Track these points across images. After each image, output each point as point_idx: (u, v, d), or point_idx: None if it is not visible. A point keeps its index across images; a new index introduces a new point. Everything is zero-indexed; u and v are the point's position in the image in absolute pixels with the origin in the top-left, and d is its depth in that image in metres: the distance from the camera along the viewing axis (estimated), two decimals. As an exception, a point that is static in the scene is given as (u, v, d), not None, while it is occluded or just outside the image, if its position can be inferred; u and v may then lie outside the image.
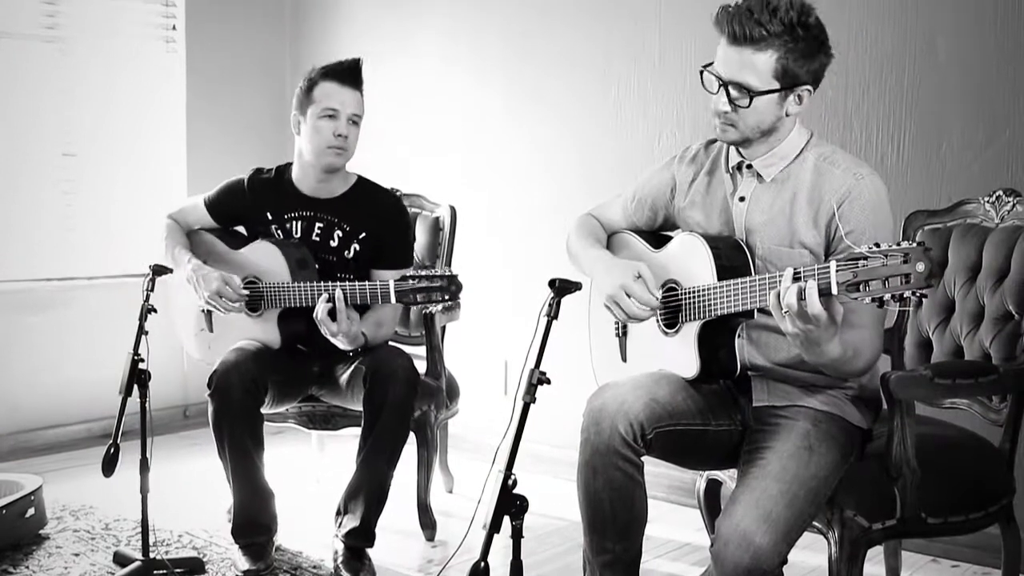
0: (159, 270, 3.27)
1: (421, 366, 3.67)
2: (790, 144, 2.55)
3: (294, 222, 3.52)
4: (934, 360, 2.96)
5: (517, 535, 2.27)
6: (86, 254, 5.11)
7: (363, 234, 3.50)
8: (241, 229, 3.67)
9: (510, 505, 2.24)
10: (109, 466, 2.95)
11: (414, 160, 5.02)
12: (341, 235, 3.50)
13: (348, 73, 3.45)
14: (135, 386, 3.03)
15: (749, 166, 2.58)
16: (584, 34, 4.44)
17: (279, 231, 3.52)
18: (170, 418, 5.23)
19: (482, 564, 2.19)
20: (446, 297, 3.00)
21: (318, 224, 3.51)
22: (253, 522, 3.34)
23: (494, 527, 2.22)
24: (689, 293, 2.52)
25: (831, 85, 3.70)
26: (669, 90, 4.19)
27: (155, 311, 3.11)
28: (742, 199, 2.59)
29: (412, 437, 3.55)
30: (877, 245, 2.05)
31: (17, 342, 4.85)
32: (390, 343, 3.60)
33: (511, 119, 4.71)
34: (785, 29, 2.38)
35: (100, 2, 5.06)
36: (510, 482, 2.24)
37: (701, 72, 2.50)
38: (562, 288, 2.40)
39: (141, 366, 3.03)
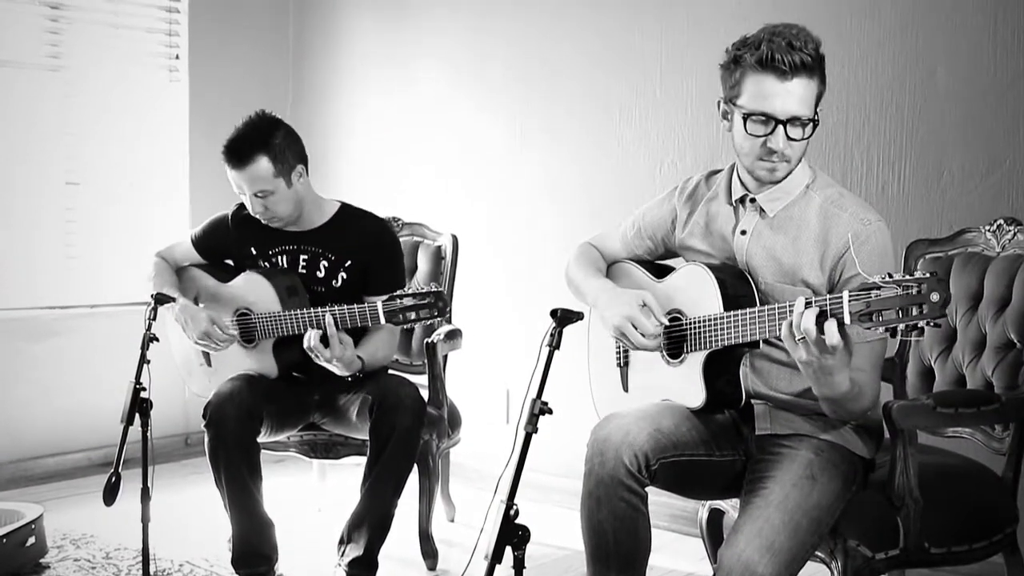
0: (161, 299, 3.27)
1: (423, 395, 3.67)
2: (795, 180, 2.54)
3: (279, 256, 3.55)
4: (936, 389, 2.96)
5: (519, 565, 2.27)
6: (88, 282, 5.11)
7: (349, 262, 3.51)
8: (230, 262, 3.68)
9: (512, 535, 2.24)
10: (110, 495, 2.94)
11: (416, 188, 5.03)
12: (327, 265, 3.51)
13: (233, 155, 3.38)
14: (137, 415, 3.02)
15: (752, 200, 2.58)
16: (586, 63, 4.46)
17: (265, 264, 3.55)
18: (171, 447, 5.22)
19: (484, 594, 2.19)
20: (434, 313, 3.02)
21: (303, 256, 3.52)
22: (253, 552, 3.34)
23: (496, 557, 2.22)
24: (695, 323, 2.51)
25: (832, 115, 3.71)
26: (670, 120, 4.20)
27: (157, 340, 3.11)
28: (743, 232, 2.59)
29: (414, 466, 3.54)
30: (890, 275, 2.04)
31: (18, 370, 4.84)
32: (395, 372, 3.60)
33: (513, 147, 4.72)
34: (817, 56, 2.42)
35: (104, 32, 5.09)
36: (512, 512, 2.24)
37: (745, 118, 2.44)
38: (564, 318, 2.41)
39: (143, 395, 3.02)
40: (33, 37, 4.89)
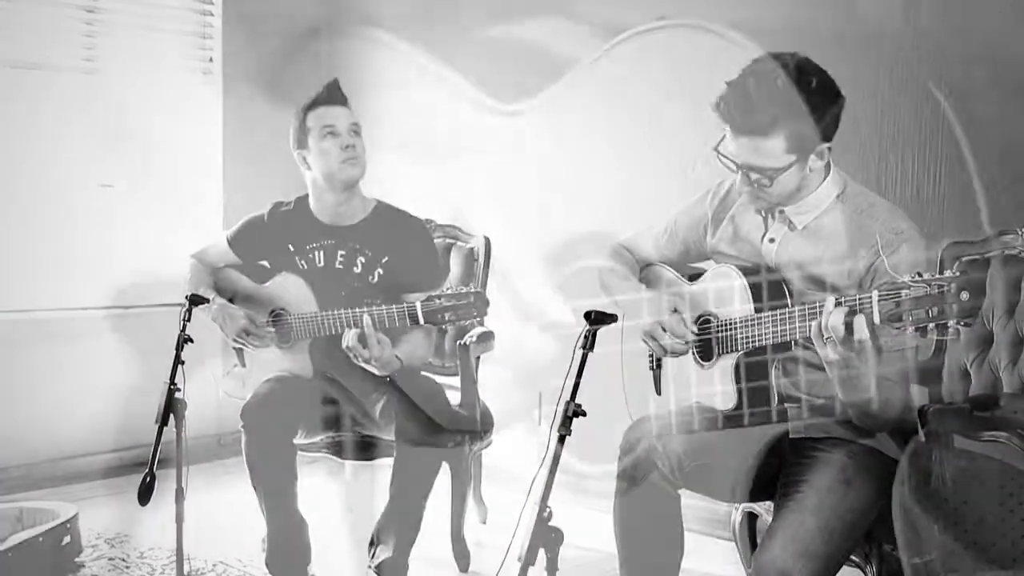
0: (196, 300, 3.28)
1: (456, 396, 3.67)
2: (822, 193, 2.52)
3: (316, 252, 3.54)
4: (972, 393, 2.93)
5: (552, 567, 2.27)
6: (122, 283, 5.14)
7: (386, 258, 3.50)
8: (265, 263, 3.69)
9: (545, 537, 2.24)
10: (145, 495, 2.95)
11: (448, 191, 5.03)
12: (364, 261, 3.51)
13: (332, 93, 3.49)
14: (171, 415, 3.04)
15: (781, 211, 2.56)
16: (615, 63, 4.45)
17: (302, 262, 3.54)
18: (205, 447, 5.24)
19: (517, 596, 2.19)
20: (474, 314, 2.99)
21: (340, 252, 3.52)
22: (287, 553, 3.35)
23: (529, 559, 2.22)
24: (726, 325, 2.50)
25: (865, 117, 3.68)
26: (702, 119, 4.17)
27: (191, 341, 3.12)
28: (772, 240, 2.58)
29: (446, 467, 3.54)
30: (919, 274, 2.03)
31: (53, 370, 4.88)
32: (422, 373, 3.60)
33: (543, 149, 4.72)
34: (787, 103, 2.34)
35: (138, 34, 5.12)
36: (545, 514, 2.24)
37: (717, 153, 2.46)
38: (598, 320, 2.40)
39: (177, 395, 3.04)
40: (68, 40, 4.94)
